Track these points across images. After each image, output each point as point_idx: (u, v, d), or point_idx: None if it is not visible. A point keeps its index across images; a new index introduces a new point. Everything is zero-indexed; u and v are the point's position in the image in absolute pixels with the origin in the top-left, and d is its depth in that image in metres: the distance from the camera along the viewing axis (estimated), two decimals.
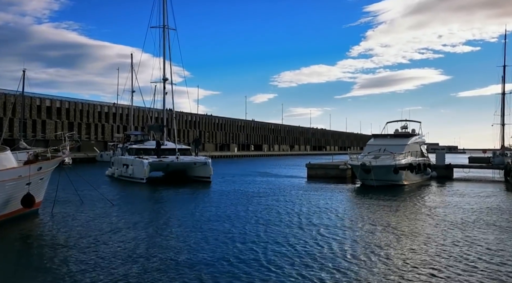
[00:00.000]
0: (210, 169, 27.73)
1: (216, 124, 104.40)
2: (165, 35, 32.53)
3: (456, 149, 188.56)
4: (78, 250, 9.75)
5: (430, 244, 10.71)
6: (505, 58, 43.03)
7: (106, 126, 73.94)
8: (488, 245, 10.61)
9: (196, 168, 28.26)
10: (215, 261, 8.93)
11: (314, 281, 7.72)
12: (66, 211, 15.17)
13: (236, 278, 7.85)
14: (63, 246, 10.19)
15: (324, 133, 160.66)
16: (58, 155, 15.39)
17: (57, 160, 15.22)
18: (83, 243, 10.42)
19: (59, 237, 11.31)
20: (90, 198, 18.38)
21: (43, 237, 11.64)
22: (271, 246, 10.31)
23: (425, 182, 29.76)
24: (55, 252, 9.66)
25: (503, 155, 39.20)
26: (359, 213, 15.90)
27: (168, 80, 33.37)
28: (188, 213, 15.36)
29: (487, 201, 19.86)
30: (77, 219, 13.64)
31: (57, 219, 13.74)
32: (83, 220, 13.58)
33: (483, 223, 13.83)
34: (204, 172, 27.88)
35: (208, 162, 28.02)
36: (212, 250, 9.85)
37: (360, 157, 28.14)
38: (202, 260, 9.05)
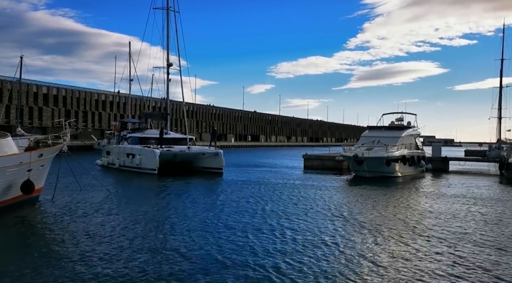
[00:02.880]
0: (222, 160, 26.69)
1: (214, 114, 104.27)
2: (169, 17, 30.88)
3: (452, 142, 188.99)
4: (78, 236, 9.92)
5: (408, 234, 10.96)
6: (503, 51, 43.20)
7: (103, 115, 73.80)
8: (473, 238, 10.85)
9: (206, 158, 27.33)
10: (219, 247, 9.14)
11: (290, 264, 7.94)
12: (66, 198, 15.33)
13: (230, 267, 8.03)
14: (64, 232, 10.34)
15: (321, 124, 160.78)
16: (59, 141, 15.47)
17: (58, 147, 15.30)
18: (84, 230, 10.59)
19: (60, 223, 11.46)
20: (90, 186, 18.57)
21: (43, 223, 11.81)
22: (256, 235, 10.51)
23: (419, 174, 30.04)
24: (54, 238, 9.82)
25: (499, 148, 39.51)
26: (341, 202, 16.14)
27: (173, 65, 31.44)
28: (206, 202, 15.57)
29: (475, 192, 20.19)
30: (78, 206, 13.81)
31: (58, 205, 13.89)
32: (85, 207, 13.74)
33: (467, 214, 14.04)
34: (215, 163, 26.87)
35: (220, 152, 27.05)
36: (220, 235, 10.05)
37: (353, 149, 28.35)
38: (206, 252, 9.23)
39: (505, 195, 19.90)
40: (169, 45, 31.17)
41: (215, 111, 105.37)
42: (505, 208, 15.62)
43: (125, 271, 7.46)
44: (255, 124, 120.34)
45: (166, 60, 31.16)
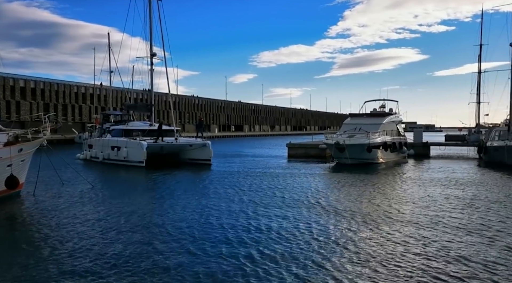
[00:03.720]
0: (210, 151, 26.37)
1: (196, 105, 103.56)
2: (151, 5, 29.80)
3: (433, 127, 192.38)
4: (61, 231, 9.81)
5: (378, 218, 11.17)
6: (482, 37, 43.90)
7: (83, 108, 72.53)
8: (448, 221, 11.11)
9: (193, 150, 27.02)
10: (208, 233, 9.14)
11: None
12: (48, 193, 15.10)
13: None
14: (46, 227, 10.21)
15: (304, 113, 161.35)
16: (39, 136, 15.16)
17: (38, 141, 15.00)
18: (66, 224, 10.46)
19: (41, 218, 11.31)
20: (72, 180, 18.31)
21: (25, 219, 11.63)
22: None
23: (401, 160, 30.52)
24: (37, 233, 9.69)
25: (478, 133, 40.37)
26: (319, 189, 16.35)
27: (156, 55, 30.59)
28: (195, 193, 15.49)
29: (453, 176, 20.67)
30: (60, 201, 13.62)
31: (40, 200, 13.68)
32: (66, 201, 13.55)
33: (441, 198, 14.34)
34: (203, 154, 26.58)
35: (208, 143, 26.78)
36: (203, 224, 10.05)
37: (335, 136, 28.61)
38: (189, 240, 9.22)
39: (482, 178, 20.42)
40: (152, 35, 30.29)
41: (198, 102, 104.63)
42: (480, 191, 15.94)
43: (109, 265, 7.41)
44: (238, 114, 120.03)
45: (149, 50, 30.32)
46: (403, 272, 7.04)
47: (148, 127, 29.14)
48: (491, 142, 29.20)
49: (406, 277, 6.80)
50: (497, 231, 9.71)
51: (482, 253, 8.06)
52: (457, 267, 7.28)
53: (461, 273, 6.99)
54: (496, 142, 28.16)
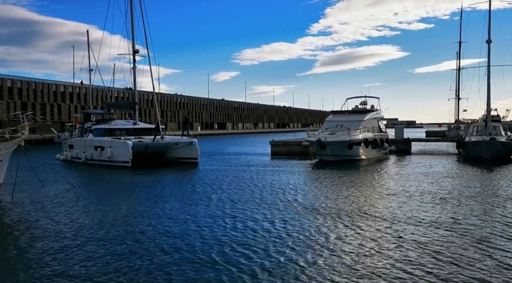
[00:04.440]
0: (197, 149, 25.98)
1: (179, 103, 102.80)
2: (132, 1, 29.15)
3: (414, 123, 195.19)
4: (40, 233, 9.55)
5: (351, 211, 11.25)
6: (461, 34, 44.66)
7: (62, 107, 71.17)
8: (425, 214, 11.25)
9: (179, 149, 26.59)
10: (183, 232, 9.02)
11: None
12: (27, 194, 14.72)
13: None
14: (25, 230, 9.93)
15: (287, 111, 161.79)
16: (17, 135, 14.75)
17: (16, 141, 14.60)
18: (45, 226, 10.20)
19: (20, 220, 10.99)
20: (51, 181, 17.90)
21: (3, 220, 11.27)
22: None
23: (383, 156, 30.83)
24: (16, 236, 9.41)
25: (457, 129, 41.14)
26: (297, 186, 16.38)
27: (139, 52, 29.87)
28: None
29: (432, 171, 20.99)
30: (39, 202, 13.28)
31: (19, 202, 13.32)
32: (45, 203, 13.23)
33: (417, 193, 14.47)
34: (190, 152, 26.20)
35: (194, 141, 26.40)
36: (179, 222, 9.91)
37: (317, 133, 28.71)
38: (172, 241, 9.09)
39: (459, 172, 20.74)
40: (134, 32, 29.54)
41: (180, 100, 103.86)
42: (454, 185, 16.13)
43: (84, 269, 7.23)
44: (221, 112, 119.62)
45: (131, 47, 29.61)
46: (373, 268, 7.04)
47: (132, 126, 28.43)
48: (469, 137, 29.74)
49: (376, 273, 6.80)
50: (468, 225, 9.79)
51: (451, 247, 8.12)
52: (427, 261, 7.32)
53: (430, 267, 7.01)
54: (474, 137, 28.69)
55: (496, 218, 10.58)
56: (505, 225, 9.85)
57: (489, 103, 30.63)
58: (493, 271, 6.81)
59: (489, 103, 30.62)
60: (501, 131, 29.43)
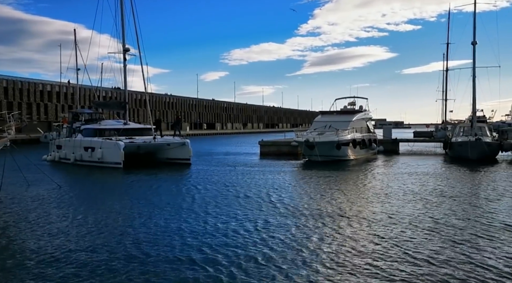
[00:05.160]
0: (189, 150, 25.56)
1: (168, 103, 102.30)
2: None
3: (402, 124, 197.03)
4: (26, 235, 9.39)
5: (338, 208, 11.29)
6: (448, 36, 45.18)
7: (49, 106, 70.32)
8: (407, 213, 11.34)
9: (172, 149, 26.11)
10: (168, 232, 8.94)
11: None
12: (13, 195, 14.45)
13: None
14: (11, 229, 9.75)
15: (276, 111, 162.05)
16: (3, 135, 14.48)
17: (2, 141, 14.34)
18: (34, 227, 10.03)
19: (6, 220, 10.79)
20: (38, 182, 17.62)
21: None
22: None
23: (371, 157, 31.02)
24: (5, 238, 9.24)
25: (444, 129, 41.58)
26: (282, 187, 16.39)
27: (130, 51, 29.18)
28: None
29: (419, 171, 21.20)
30: (26, 203, 13.07)
31: (4, 202, 13.09)
32: (30, 203, 13.02)
33: (400, 193, 14.51)
34: (182, 153, 25.78)
35: (187, 142, 25.95)
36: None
37: (305, 134, 28.79)
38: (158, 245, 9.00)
39: (445, 173, 20.97)
40: (124, 30, 28.81)
41: (169, 99, 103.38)
42: (439, 186, 16.23)
43: (78, 272, 7.12)
44: (210, 112, 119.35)
45: (122, 45, 28.99)
46: (348, 267, 7.06)
47: (123, 126, 27.91)
48: (455, 137, 30.07)
49: (352, 273, 6.81)
50: (447, 226, 9.80)
51: (428, 246, 8.15)
52: (403, 261, 7.34)
53: (405, 267, 7.03)
54: (460, 138, 29.02)
55: (475, 218, 10.59)
56: (483, 224, 9.87)
57: (475, 104, 31.03)
58: (468, 271, 6.81)
59: (474, 104, 31.00)
60: (487, 132, 29.81)
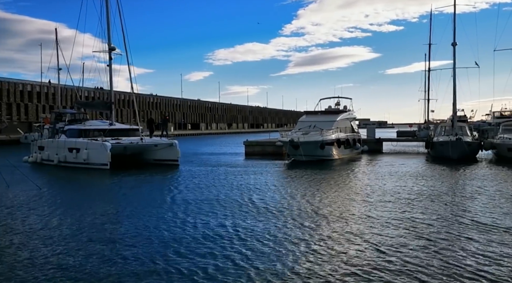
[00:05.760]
0: (177, 151, 25.17)
1: (151, 103, 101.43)
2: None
3: (385, 123, 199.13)
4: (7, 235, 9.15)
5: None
6: (431, 36, 45.87)
7: (30, 106, 68.99)
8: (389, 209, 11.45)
9: (159, 150, 25.62)
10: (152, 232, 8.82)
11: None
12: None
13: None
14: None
15: (261, 111, 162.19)
16: None
17: None
18: (7, 230, 9.78)
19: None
20: (17, 183, 17.21)
21: None
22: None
23: (355, 156, 31.24)
24: None
25: (427, 129, 42.18)
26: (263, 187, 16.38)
27: (116, 50, 28.42)
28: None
29: (398, 170, 21.57)
30: (3, 205, 12.75)
31: None
32: (9, 206, 12.71)
33: (377, 193, 14.61)
34: (170, 154, 25.34)
35: (175, 143, 25.52)
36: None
37: (290, 134, 28.88)
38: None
39: (425, 172, 21.21)
40: (110, 28, 28.07)
41: (153, 100, 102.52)
42: (417, 185, 16.35)
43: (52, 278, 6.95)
44: (194, 112, 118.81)
45: (107, 43, 28.26)
46: (320, 267, 7.06)
47: (109, 127, 27.32)
48: (437, 137, 30.48)
49: (323, 273, 6.81)
50: (422, 224, 9.88)
51: (401, 246, 8.18)
52: (375, 260, 7.36)
53: (377, 267, 7.03)
54: (442, 137, 29.42)
55: (450, 217, 10.63)
56: (458, 224, 9.92)
57: (455, 104, 31.51)
58: (438, 272, 6.81)
59: (455, 104, 31.49)
60: (467, 131, 30.29)
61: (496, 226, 9.68)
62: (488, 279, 6.51)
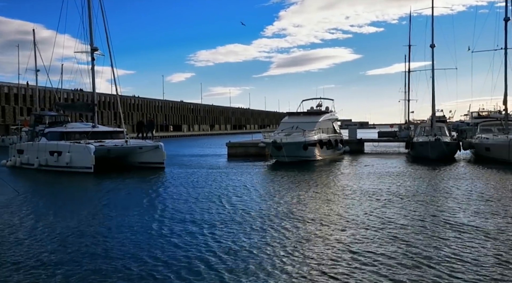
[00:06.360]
0: (163, 154, 24.75)
1: (133, 104, 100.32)
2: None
3: (367, 124, 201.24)
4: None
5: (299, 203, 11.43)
6: (410, 38, 46.53)
7: (6, 109, 67.45)
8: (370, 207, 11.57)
9: (144, 153, 25.11)
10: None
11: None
12: None
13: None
14: None
15: (244, 112, 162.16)
16: None
17: None
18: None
19: None
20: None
21: None
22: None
23: (337, 157, 31.46)
24: None
25: (407, 129, 42.77)
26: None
27: (98, 50, 27.78)
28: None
29: (378, 171, 21.80)
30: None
31: None
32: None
33: (358, 192, 14.80)
34: (156, 157, 24.83)
35: (160, 145, 25.07)
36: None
37: (273, 135, 28.94)
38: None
39: (404, 171, 21.48)
40: (92, 26, 27.20)
41: (134, 101, 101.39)
42: (394, 185, 16.50)
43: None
44: (176, 113, 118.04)
45: (90, 43, 27.50)
46: (290, 269, 7.05)
47: (92, 129, 26.73)
48: (416, 137, 30.93)
49: (293, 275, 6.79)
50: (395, 225, 9.92)
51: (373, 247, 8.19)
52: (346, 262, 7.36)
53: (349, 268, 7.04)
54: (421, 138, 29.88)
55: (424, 217, 10.69)
56: (432, 224, 9.96)
57: (434, 105, 31.99)
58: (408, 272, 6.86)
59: (434, 105, 31.97)
60: (446, 131, 30.83)
61: (467, 224, 9.82)
62: (459, 278, 6.56)
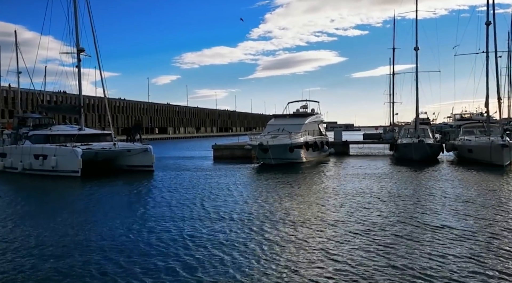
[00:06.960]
0: (152, 157, 24.45)
1: (118, 107, 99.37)
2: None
3: (352, 126, 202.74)
4: None
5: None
6: (394, 41, 47.07)
7: None
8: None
9: (132, 156, 24.75)
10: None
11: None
12: None
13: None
14: None
15: (230, 114, 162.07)
16: None
17: None
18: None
19: None
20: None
21: None
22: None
23: (323, 159, 31.65)
24: None
25: (392, 131, 43.25)
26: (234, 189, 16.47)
27: (85, 51, 27.36)
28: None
29: (364, 172, 22.00)
30: None
31: None
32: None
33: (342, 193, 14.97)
34: (144, 160, 24.50)
35: (149, 148, 24.74)
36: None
37: (259, 137, 28.96)
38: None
39: (389, 173, 21.69)
40: (78, 27, 26.78)
41: (119, 104, 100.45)
42: (376, 186, 16.75)
43: None
44: (162, 116, 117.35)
45: (76, 44, 27.08)
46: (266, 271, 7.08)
47: (78, 132, 26.26)
48: (401, 139, 31.34)
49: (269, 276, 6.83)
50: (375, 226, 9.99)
51: (351, 249, 8.23)
52: (325, 264, 7.39)
53: (327, 270, 7.07)
54: (405, 139, 30.28)
55: (404, 220, 10.75)
56: (413, 226, 10.04)
57: (418, 107, 32.51)
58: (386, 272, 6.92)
59: (417, 107, 32.48)
60: (429, 133, 31.30)
61: (445, 226, 9.93)
62: (436, 278, 6.63)
